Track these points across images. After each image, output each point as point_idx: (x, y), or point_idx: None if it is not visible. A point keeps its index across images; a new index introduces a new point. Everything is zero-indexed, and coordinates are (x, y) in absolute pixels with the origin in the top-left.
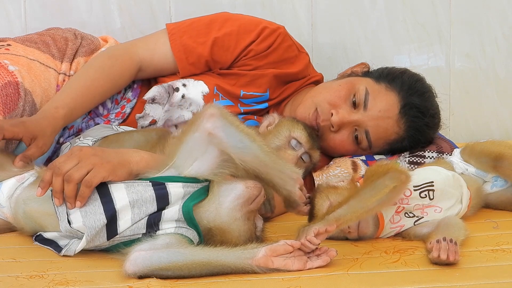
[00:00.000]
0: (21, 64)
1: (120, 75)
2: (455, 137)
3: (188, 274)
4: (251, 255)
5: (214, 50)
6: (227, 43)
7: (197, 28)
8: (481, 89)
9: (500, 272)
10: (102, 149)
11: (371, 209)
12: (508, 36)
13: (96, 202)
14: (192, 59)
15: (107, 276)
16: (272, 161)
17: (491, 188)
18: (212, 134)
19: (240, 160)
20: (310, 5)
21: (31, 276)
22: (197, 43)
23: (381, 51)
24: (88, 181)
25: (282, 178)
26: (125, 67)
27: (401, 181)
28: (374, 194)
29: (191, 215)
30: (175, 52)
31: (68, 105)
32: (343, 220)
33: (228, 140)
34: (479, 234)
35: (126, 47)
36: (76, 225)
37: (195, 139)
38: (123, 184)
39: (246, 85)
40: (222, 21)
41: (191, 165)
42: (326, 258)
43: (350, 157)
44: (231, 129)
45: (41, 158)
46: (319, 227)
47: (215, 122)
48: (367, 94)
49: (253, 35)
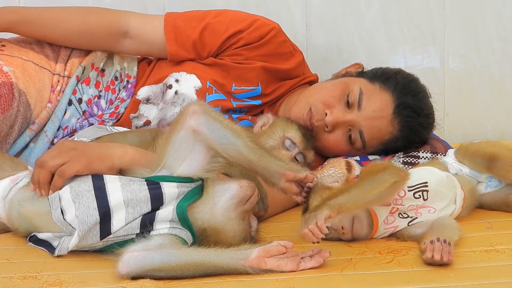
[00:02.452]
0: (15, 65)
1: (97, 26)
2: (449, 138)
3: (181, 275)
4: (244, 256)
5: (204, 34)
6: (217, 28)
7: (192, 15)
8: (476, 89)
9: (494, 272)
10: (84, 144)
11: (371, 201)
12: (502, 37)
13: (89, 194)
14: (180, 40)
15: (101, 277)
16: (257, 157)
17: (485, 188)
18: (197, 130)
19: (226, 155)
20: (305, 5)
21: (25, 277)
22: (188, 26)
23: (376, 52)
24: (61, 170)
25: (268, 173)
26: (107, 22)
27: (401, 177)
28: (375, 187)
29: (185, 215)
30: (166, 33)
31: (24, 17)
32: (344, 207)
33: (213, 136)
34: (473, 235)
35: (121, 11)
36: (69, 216)
37: (181, 137)
38: (119, 182)
39: (237, 78)
40: (218, 12)
41: (181, 165)
42: (319, 259)
43: (344, 157)
44: (215, 125)
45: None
46: (324, 214)
47: (198, 118)
48: (361, 94)
49: (244, 23)
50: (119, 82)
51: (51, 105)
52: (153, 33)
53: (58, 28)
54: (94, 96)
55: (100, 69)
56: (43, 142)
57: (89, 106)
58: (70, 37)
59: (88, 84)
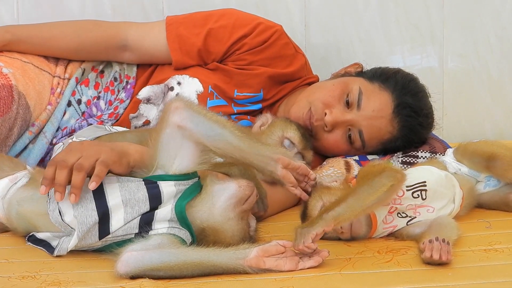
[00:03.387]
0: (15, 67)
1: (93, 43)
2: (448, 137)
3: (180, 275)
4: (242, 256)
5: (208, 41)
6: (221, 35)
7: (194, 20)
8: (475, 89)
9: (493, 271)
10: (99, 142)
11: (369, 207)
12: (501, 37)
13: (88, 195)
14: (185, 48)
15: (100, 276)
16: (247, 145)
17: (484, 188)
18: (181, 126)
19: (215, 148)
20: (304, 5)
21: (24, 276)
22: (191, 33)
23: (375, 52)
24: (102, 163)
25: (262, 160)
26: (104, 38)
27: (397, 179)
28: (372, 192)
29: (183, 214)
30: (170, 42)
31: (19, 37)
32: (341, 219)
33: (198, 130)
34: (471, 234)
35: (118, 23)
36: (67, 218)
37: (168, 135)
38: (117, 183)
39: (240, 84)
40: (219, 15)
41: (174, 163)
42: (318, 259)
43: (343, 157)
44: (198, 119)
45: (33, 159)
46: (316, 230)
47: (181, 114)
48: (361, 93)
49: (247, 28)
50: (118, 83)
51: (51, 107)
52: (154, 43)
53: (54, 46)
54: (93, 97)
55: (99, 70)
56: (42, 143)
57: (88, 107)
58: (68, 54)
59: (87, 86)
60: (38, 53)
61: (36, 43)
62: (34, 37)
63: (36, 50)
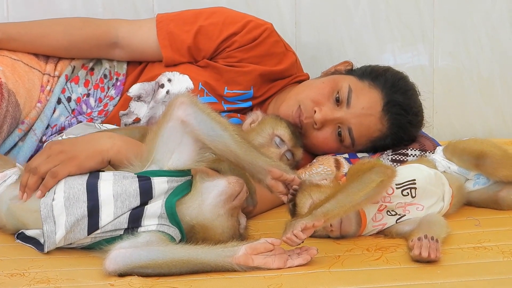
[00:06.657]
0: (5, 64)
1: (84, 41)
2: (438, 136)
3: (168, 272)
4: (231, 253)
5: (198, 38)
6: (211, 32)
7: (184, 18)
8: (465, 87)
9: (482, 269)
10: (71, 143)
11: (358, 203)
12: (491, 36)
13: (81, 187)
14: (175, 45)
15: (89, 274)
16: (243, 151)
17: (473, 186)
18: (185, 121)
19: (213, 147)
20: (294, 4)
21: (12, 274)
22: (182, 31)
23: (365, 50)
24: (54, 172)
25: (254, 168)
26: (94, 35)
27: (387, 175)
28: (361, 188)
29: (173, 211)
30: (160, 39)
31: (9, 35)
32: (331, 215)
33: (200, 127)
34: (460, 232)
35: (109, 21)
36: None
37: (169, 129)
38: (112, 179)
39: (230, 82)
40: (210, 13)
41: (171, 158)
42: (307, 257)
43: (333, 155)
44: (202, 116)
45: (23, 157)
46: (306, 222)
47: (186, 109)
48: (350, 91)
49: (237, 26)
50: (108, 80)
51: (41, 104)
52: (144, 40)
53: (44, 44)
54: (83, 94)
55: (89, 68)
56: (31, 140)
57: (78, 104)
58: (58, 52)
59: (77, 83)
60: (28, 51)
61: (26, 41)
62: (24, 35)
63: (26, 48)
